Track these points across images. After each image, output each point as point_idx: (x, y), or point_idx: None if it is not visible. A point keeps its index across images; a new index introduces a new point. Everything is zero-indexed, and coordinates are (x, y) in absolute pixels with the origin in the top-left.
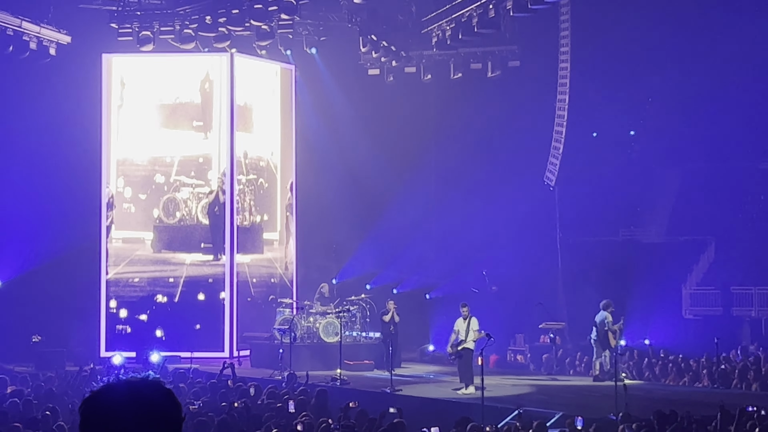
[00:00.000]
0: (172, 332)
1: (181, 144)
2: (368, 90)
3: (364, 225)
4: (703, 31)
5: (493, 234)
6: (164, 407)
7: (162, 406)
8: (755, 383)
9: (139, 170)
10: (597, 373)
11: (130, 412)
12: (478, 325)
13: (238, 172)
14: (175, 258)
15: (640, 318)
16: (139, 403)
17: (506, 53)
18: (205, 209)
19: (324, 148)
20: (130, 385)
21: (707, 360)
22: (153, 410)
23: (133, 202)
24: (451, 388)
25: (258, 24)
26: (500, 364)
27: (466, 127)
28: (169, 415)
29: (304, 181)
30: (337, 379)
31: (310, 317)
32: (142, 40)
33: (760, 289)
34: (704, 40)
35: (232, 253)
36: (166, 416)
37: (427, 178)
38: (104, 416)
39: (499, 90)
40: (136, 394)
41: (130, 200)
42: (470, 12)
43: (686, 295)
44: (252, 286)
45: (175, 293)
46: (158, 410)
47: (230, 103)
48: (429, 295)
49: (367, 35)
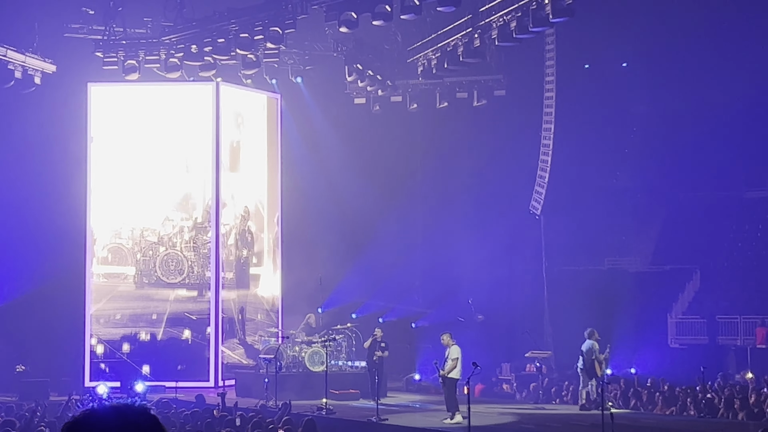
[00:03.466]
0: (156, 366)
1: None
2: (354, 119)
3: (351, 254)
4: (688, 61)
5: (479, 263)
6: (151, 431)
7: (149, 430)
8: (741, 412)
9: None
10: (583, 402)
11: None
12: (457, 353)
13: (224, 208)
14: (158, 294)
15: (626, 347)
16: (125, 427)
17: (492, 82)
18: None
19: (310, 177)
20: (115, 409)
21: (693, 389)
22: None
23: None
24: (439, 419)
25: (244, 53)
26: (487, 393)
27: (452, 157)
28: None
29: (290, 211)
30: (323, 408)
31: (296, 346)
32: (128, 69)
33: (745, 318)
34: (690, 70)
35: (218, 287)
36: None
37: (413, 208)
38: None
39: (484, 119)
40: (121, 419)
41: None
42: (455, 41)
43: (672, 324)
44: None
45: (158, 330)
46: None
47: (215, 133)
48: (415, 324)
49: (353, 64)
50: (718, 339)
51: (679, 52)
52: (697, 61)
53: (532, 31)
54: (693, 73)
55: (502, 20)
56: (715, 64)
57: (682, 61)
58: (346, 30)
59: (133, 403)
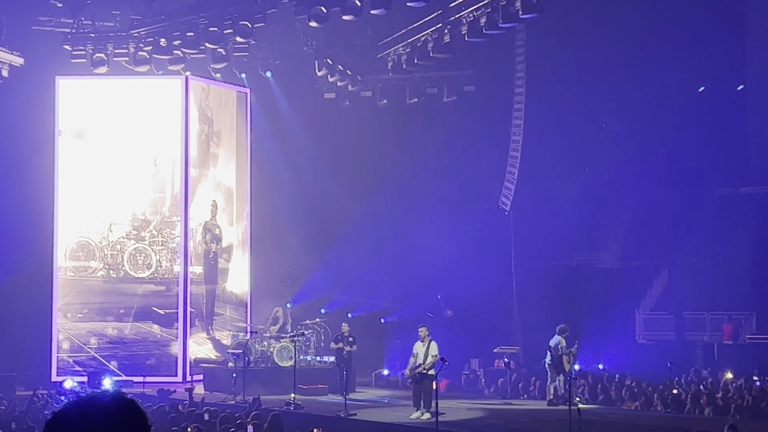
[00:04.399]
0: (124, 361)
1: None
2: (324, 114)
3: (320, 249)
4: (658, 57)
5: (448, 258)
6: (133, 416)
7: (130, 415)
8: (708, 407)
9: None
10: (551, 398)
11: (98, 424)
12: (437, 350)
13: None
14: (126, 289)
15: (593, 342)
16: (106, 414)
17: (462, 78)
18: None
19: (279, 171)
20: (93, 400)
21: (660, 384)
22: (122, 420)
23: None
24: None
25: (213, 47)
26: (455, 388)
27: (422, 152)
28: (138, 423)
29: (259, 206)
30: (291, 403)
31: (265, 341)
32: (96, 63)
33: (712, 315)
34: (660, 66)
35: (186, 282)
36: (136, 424)
37: (382, 203)
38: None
39: (454, 115)
40: (101, 407)
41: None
42: (426, 36)
43: (640, 319)
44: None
45: (125, 325)
46: (129, 420)
47: (184, 127)
48: (384, 320)
49: (323, 59)
50: (686, 335)
51: (649, 47)
52: (667, 57)
53: (501, 27)
54: (663, 70)
55: (472, 16)
56: (685, 60)
57: (652, 57)
58: (316, 24)
59: (107, 391)
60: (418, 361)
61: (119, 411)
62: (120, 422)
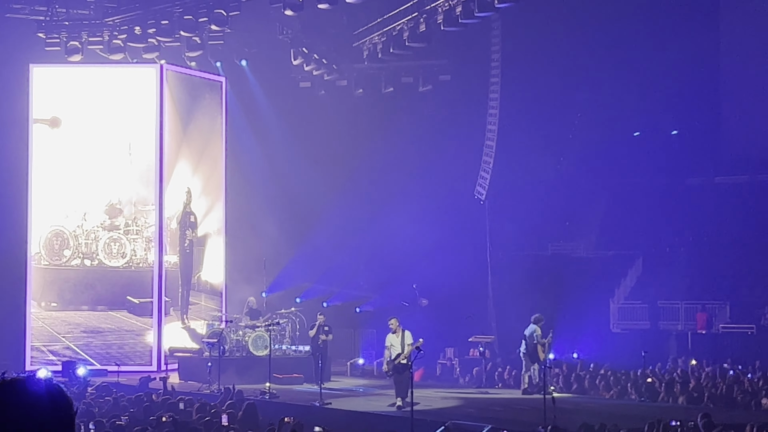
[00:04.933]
0: (99, 350)
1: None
2: (299, 103)
3: (295, 238)
4: (630, 48)
5: (424, 248)
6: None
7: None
8: (681, 396)
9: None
10: (526, 386)
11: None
12: (412, 338)
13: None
14: (100, 278)
15: (568, 332)
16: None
17: (437, 67)
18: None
19: (254, 160)
20: (15, 384)
21: (634, 373)
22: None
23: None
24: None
25: (188, 35)
26: (430, 377)
27: (398, 141)
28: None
29: (234, 195)
30: (266, 392)
31: (240, 330)
32: (70, 51)
33: (686, 304)
34: (632, 58)
35: (161, 271)
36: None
37: (358, 192)
38: None
39: (430, 104)
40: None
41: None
42: (401, 26)
43: (614, 309)
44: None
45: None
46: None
47: (159, 115)
48: (359, 309)
49: (298, 48)
50: (660, 324)
51: (621, 38)
52: (639, 49)
53: (477, 17)
54: (635, 61)
55: (447, 5)
56: (656, 51)
57: (623, 48)
58: (291, 13)
59: (26, 375)
60: (394, 352)
61: (47, 396)
62: (48, 407)
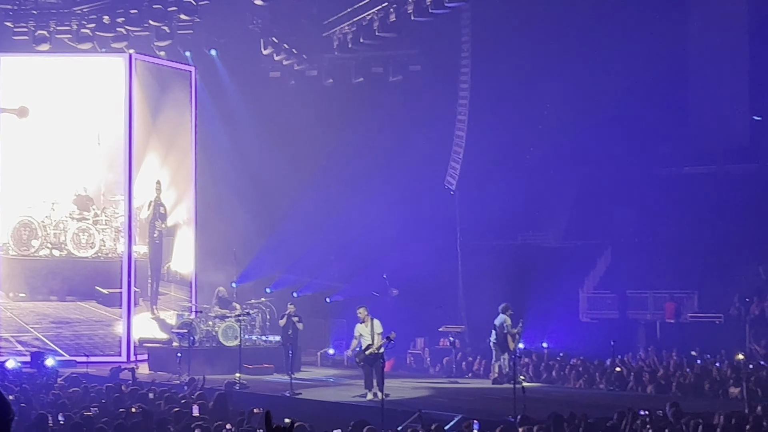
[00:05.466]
0: (67, 341)
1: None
2: (269, 93)
3: (265, 228)
4: (601, 39)
5: (394, 238)
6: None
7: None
8: (650, 385)
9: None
10: (496, 376)
11: None
12: (381, 327)
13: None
14: (69, 268)
15: (538, 321)
16: None
17: (407, 57)
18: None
19: (224, 150)
20: None
21: (604, 362)
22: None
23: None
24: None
25: (157, 24)
26: (400, 367)
27: (368, 131)
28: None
29: (204, 185)
30: (237, 383)
31: (210, 321)
32: (38, 40)
33: (655, 293)
34: (600, 46)
35: (130, 261)
36: None
37: (328, 182)
38: None
39: (400, 94)
40: None
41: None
42: (371, 15)
43: (583, 298)
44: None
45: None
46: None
47: (127, 105)
48: (329, 299)
49: (268, 37)
50: (628, 314)
51: (590, 29)
52: (607, 37)
53: (447, 6)
54: (604, 50)
55: None
56: (623, 39)
57: (595, 37)
58: (261, 2)
59: None
60: (364, 342)
61: None
62: None
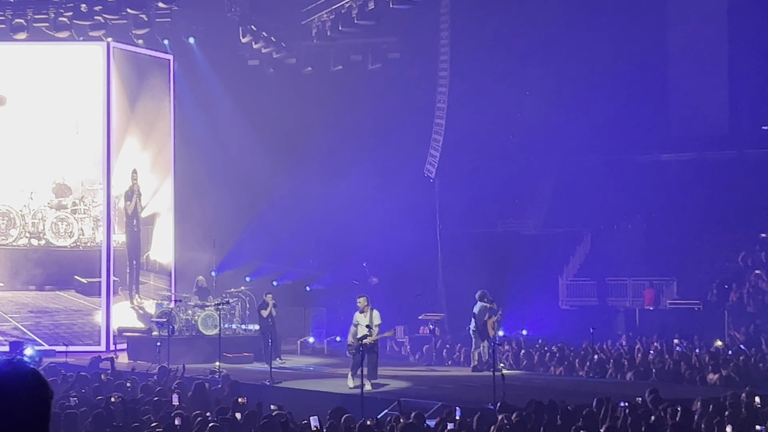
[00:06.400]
0: (46, 330)
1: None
2: (248, 81)
3: (245, 217)
4: (580, 26)
5: (374, 226)
6: (40, 389)
7: (37, 387)
8: (629, 372)
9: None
10: (476, 364)
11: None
12: (380, 318)
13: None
14: (47, 257)
15: (517, 309)
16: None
17: (386, 45)
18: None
19: (203, 138)
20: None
21: (583, 349)
22: (29, 392)
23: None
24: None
25: (135, 12)
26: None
27: (347, 119)
28: (42, 397)
29: (183, 173)
30: (217, 371)
31: (189, 310)
32: (15, 28)
33: (634, 280)
34: (582, 33)
35: (109, 250)
36: (41, 397)
37: (307, 170)
38: None
39: (379, 82)
40: (6, 375)
41: None
42: (350, 3)
43: (563, 286)
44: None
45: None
46: (35, 391)
47: (106, 94)
48: (309, 287)
49: (246, 25)
50: (608, 301)
51: (570, 17)
52: (586, 24)
53: None
54: (585, 36)
55: None
56: (603, 26)
57: (574, 24)
58: None
59: (12, 359)
60: (360, 332)
61: (25, 381)
62: (26, 393)
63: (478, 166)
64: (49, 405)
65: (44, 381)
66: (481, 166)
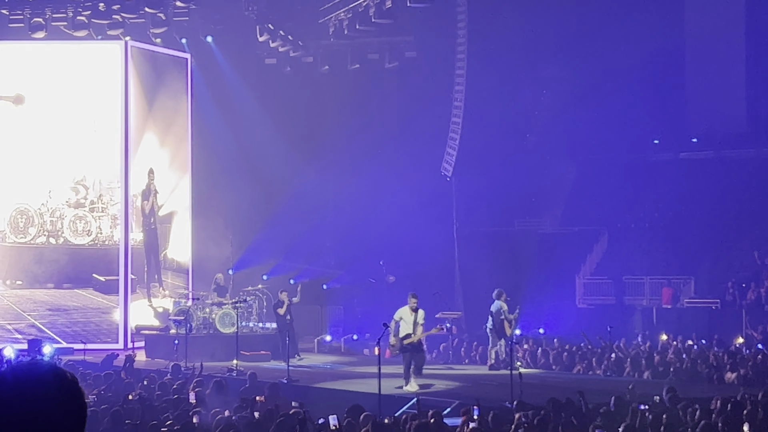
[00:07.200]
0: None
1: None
2: (266, 80)
3: (262, 215)
4: (598, 24)
5: (391, 224)
6: (71, 392)
7: (69, 391)
8: (647, 371)
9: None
10: (492, 362)
11: (34, 395)
12: (424, 318)
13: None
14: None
15: (534, 307)
16: (44, 385)
17: (403, 44)
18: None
19: (221, 137)
20: (31, 368)
21: (601, 348)
22: (61, 394)
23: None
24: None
25: (153, 11)
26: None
27: (364, 118)
28: (76, 400)
29: (201, 172)
30: (234, 369)
31: (206, 308)
32: (34, 27)
33: (651, 279)
34: (599, 32)
35: (126, 248)
36: (74, 401)
37: (324, 169)
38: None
39: (396, 81)
40: (39, 378)
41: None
42: (367, 2)
43: (580, 284)
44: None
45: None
46: (67, 395)
47: (124, 92)
48: (326, 286)
49: (264, 24)
50: (625, 299)
51: (587, 14)
52: (604, 22)
53: None
54: (603, 35)
55: None
56: (622, 27)
57: (591, 22)
58: None
59: (36, 362)
60: (403, 330)
61: (58, 384)
62: (58, 396)
63: (495, 164)
64: (84, 415)
65: (81, 391)
66: (498, 164)
